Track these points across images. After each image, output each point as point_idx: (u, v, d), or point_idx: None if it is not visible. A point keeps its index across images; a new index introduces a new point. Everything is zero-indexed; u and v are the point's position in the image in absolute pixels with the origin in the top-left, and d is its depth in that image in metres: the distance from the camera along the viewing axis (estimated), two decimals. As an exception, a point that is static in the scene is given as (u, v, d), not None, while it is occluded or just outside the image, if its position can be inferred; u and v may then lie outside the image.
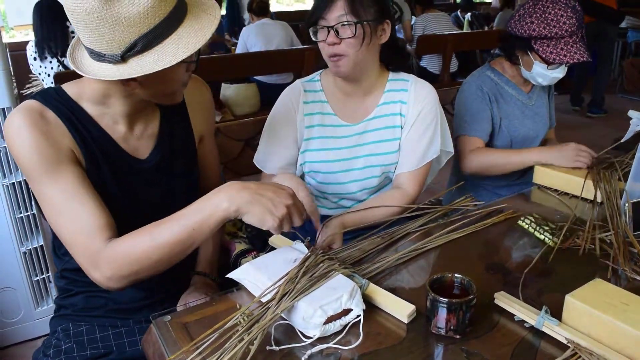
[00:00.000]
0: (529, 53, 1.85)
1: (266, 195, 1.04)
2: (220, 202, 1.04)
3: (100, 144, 1.18)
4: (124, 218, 1.17)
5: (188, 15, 1.05)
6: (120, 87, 1.11)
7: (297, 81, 1.65)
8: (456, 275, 1.05)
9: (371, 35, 1.46)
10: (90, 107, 1.17)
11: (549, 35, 1.76)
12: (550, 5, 1.77)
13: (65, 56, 3.30)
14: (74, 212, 1.09)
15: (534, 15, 1.79)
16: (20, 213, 2.15)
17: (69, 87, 1.17)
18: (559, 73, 1.87)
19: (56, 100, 1.14)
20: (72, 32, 3.39)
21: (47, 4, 3.24)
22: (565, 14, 1.75)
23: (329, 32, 1.45)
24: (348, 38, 1.44)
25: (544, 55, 1.79)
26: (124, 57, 1.00)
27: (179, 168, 1.33)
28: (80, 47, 1.08)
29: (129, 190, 1.23)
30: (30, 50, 3.34)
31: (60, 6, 3.49)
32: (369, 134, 1.62)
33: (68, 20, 3.38)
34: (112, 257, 1.07)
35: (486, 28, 6.82)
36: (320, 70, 1.67)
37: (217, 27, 1.10)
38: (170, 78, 1.10)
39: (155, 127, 1.28)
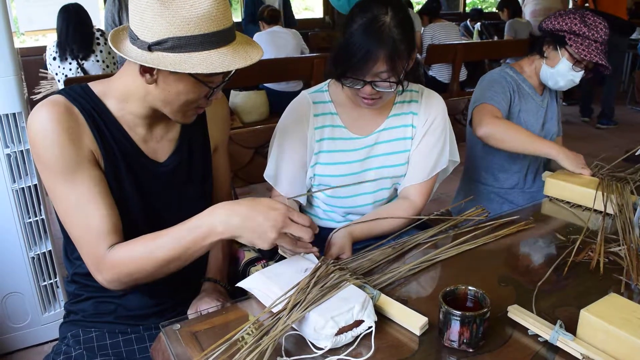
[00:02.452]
0: (559, 49, 1.92)
1: (257, 221, 1.07)
2: (215, 226, 1.07)
3: (121, 145, 1.19)
4: (137, 219, 1.20)
5: (230, 45, 1.08)
6: (140, 85, 1.12)
7: (304, 93, 1.61)
8: (470, 287, 1.04)
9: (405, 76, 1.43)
10: (113, 105, 1.18)
11: (586, 34, 1.86)
12: (590, 14, 1.90)
13: (86, 60, 3.40)
14: (84, 215, 1.12)
15: (575, 15, 1.90)
16: (29, 218, 2.15)
17: (95, 85, 1.19)
18: (577, 78, 1.95)
19: (81, 97, 1.15)
20: (98, 38, 3.49)
21: (75, 9, 3.48)
22: (602, 24, 1.88)
23: (364, 84, 1.40)
24: (386, 90, 1.41)
25: (576, 51, 1.88)
26: (150, 48, 1.03)
27: (195, 175, 1.34)
28: (124, 32, 1.13)
29: (145, 192, 1.24)
30: (51, 50, 3.51)
31: (87, 12, 3.63)
32: (380, 146, 1.60)
33: (93, 27, 3.51)
34: (112, 263, 1.11)
35: (496, 38, 6.80)
36: (328, 80, 1.63)
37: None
38: (184, 92, 1.11)
39: (175, 133, 1.30)
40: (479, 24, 7.12)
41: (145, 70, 1.08)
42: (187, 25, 1.01)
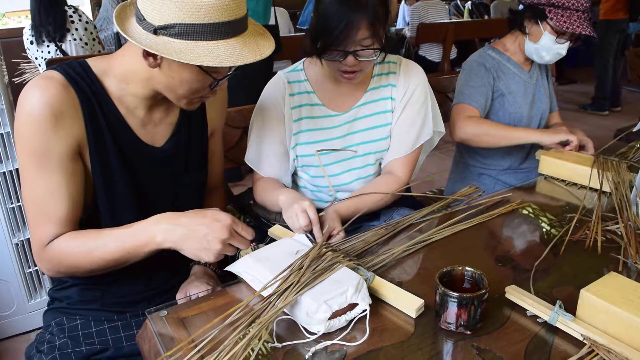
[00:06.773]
0: (540, 23, 1.86)
1: (200, 232, 1.04)
2: (155, 235, 1.07)
3: (114, 130, 1.16)
4: (126, 208, 1.18)
5: (240, 36, 1.04)
6: (143, 66, 1.08)
7: (279, 73, 1.59)
8: (467, 268, 1.01)
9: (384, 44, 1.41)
10: (114, 85, 1.14)
11: (566, 4, 1.79)
12: None
13: (62, 41, 3.29)
14: (42, 202, 1.11)
15: None
16: (12, 203, 2.10)
17: (94, 63, 1.15)
18: (563, 50, 1.89)
19: (79, 75, 1.11)
20: (71, 16, 3.37)
21: None
22: None
23: (346, 55, 1.36)
24: (368, 59, 1.38)
25: (557, 24, 1.80)
26: (156, 31, 0.99)
27: (192, 161, 1.31)
28: (131, 8, 1.09)
29: (137, 180, 1.21)
30: (27, 35, 3.38)
31: (60, -8, 3.45)
32: (360, 122, 1.57)
33: (67, 5, 3.38)
34: (50, 255, 1.12)
35: (487, 17, 6.76)
36: (303, 60, 1.60)
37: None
38: (188, 80, 1.08)
39: (174, 116, 1.26)
40: (469, 2, 7.06)
41: (148, 53, 1.04)
42: (198, 12, 0.97)
